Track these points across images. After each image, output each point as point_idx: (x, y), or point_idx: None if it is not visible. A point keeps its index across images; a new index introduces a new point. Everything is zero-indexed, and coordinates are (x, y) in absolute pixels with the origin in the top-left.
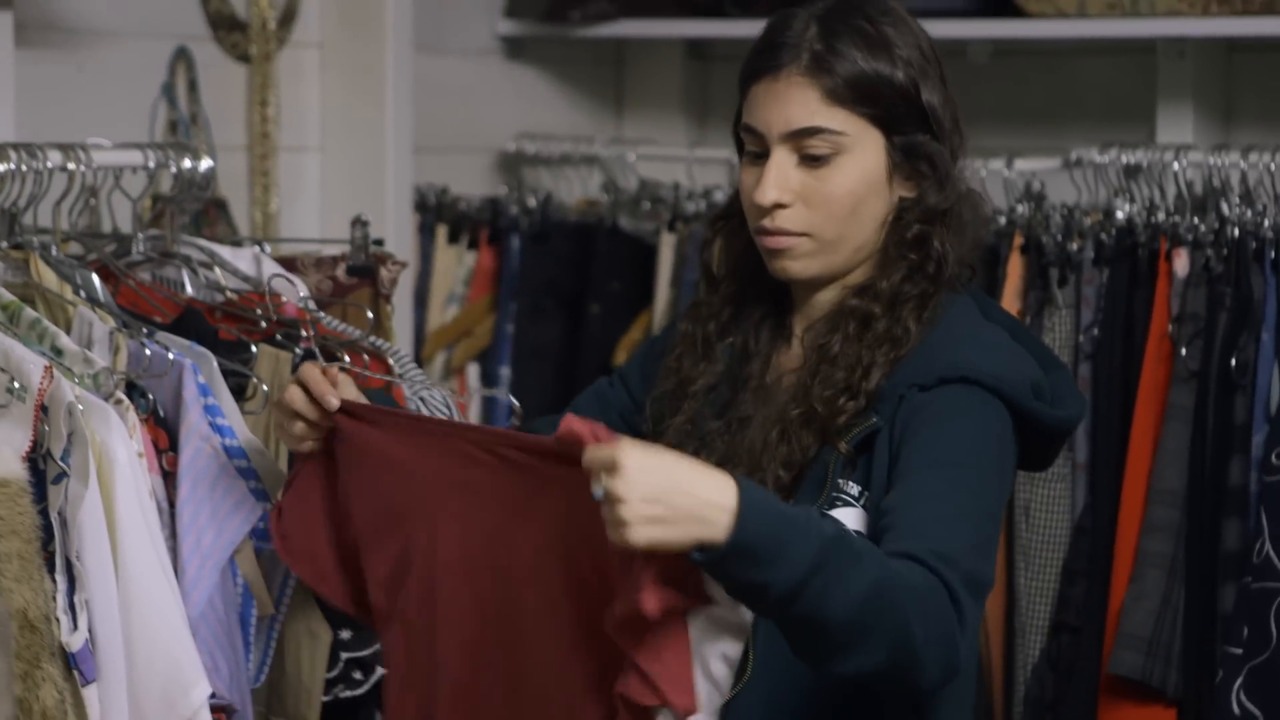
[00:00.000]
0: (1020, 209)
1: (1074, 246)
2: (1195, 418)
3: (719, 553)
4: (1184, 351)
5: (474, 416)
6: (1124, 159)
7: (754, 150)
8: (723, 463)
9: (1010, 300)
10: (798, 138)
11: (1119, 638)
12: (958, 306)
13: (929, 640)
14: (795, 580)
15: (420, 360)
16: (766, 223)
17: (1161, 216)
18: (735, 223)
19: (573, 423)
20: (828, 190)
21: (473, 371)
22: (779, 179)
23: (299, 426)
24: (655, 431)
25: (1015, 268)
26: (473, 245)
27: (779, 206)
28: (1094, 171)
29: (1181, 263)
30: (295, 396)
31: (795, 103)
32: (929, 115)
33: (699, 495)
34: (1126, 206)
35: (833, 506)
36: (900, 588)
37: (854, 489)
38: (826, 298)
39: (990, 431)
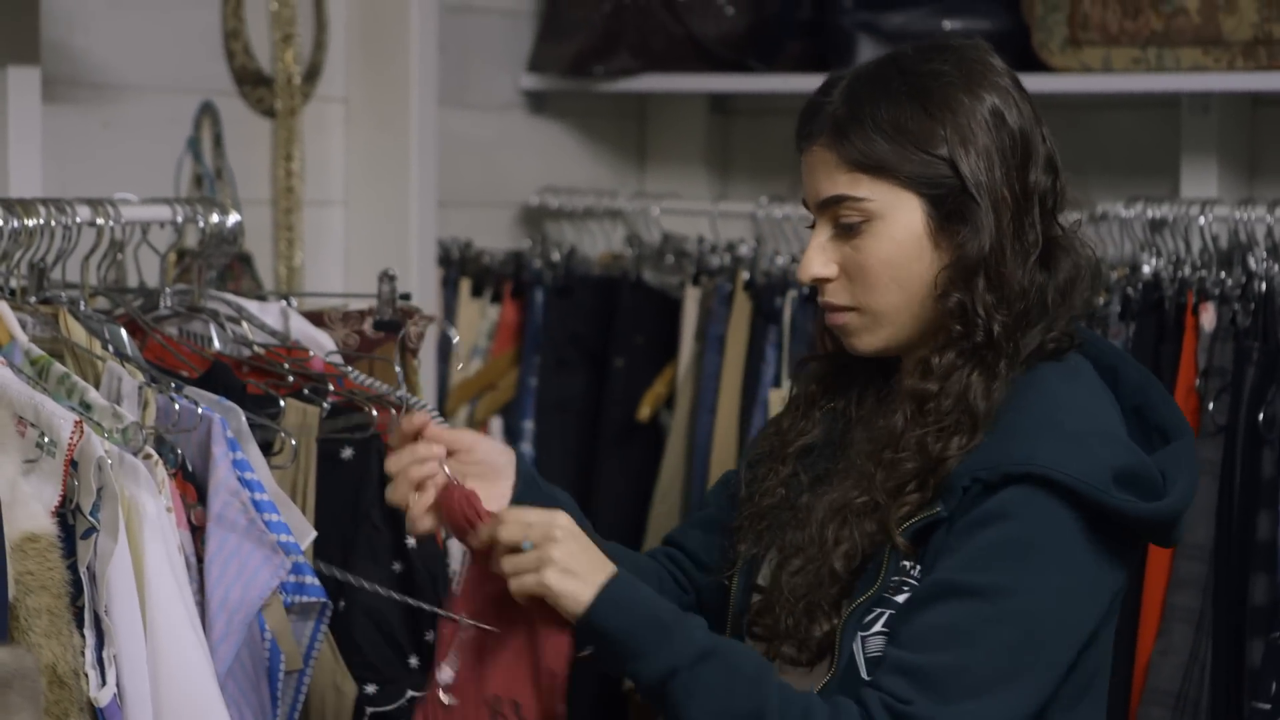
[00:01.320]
0: None
1: (1100, 301)
2: (1223, 472)
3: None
4: (1211, 406)
5: None
6: (1149, 213)
7: (809, 223)
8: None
9: None
10: (829, 207)
11: (1146, 693)
12: (1055, 379)
13: None
14: (655, 677)
15: (444, 413)
16: (820, 298)
17: (1188, 271)
18: None
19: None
20: (863, 260)
21: (496, 425)
22: (818, 252)
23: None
24: (749, 494)
25: None
26: (496, 299)
27: (822, 280)
28: (1119, 226)
29: (1208, 317)
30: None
31: (820, 173)
32: (966, 181)
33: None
34: (1153, 261)
35: (898, 592)
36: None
37: (918, 571)
38: None
39: (1040, 548)
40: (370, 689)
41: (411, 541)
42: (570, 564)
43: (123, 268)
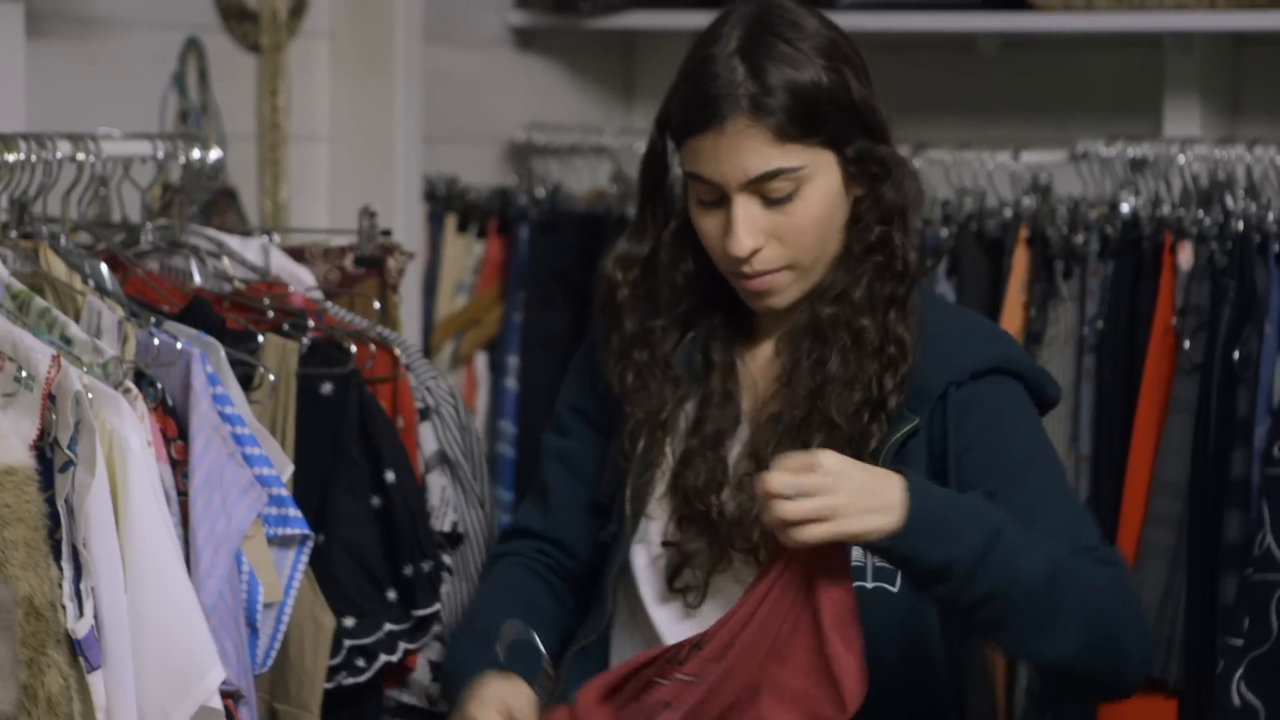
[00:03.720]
0: (1026, 201)
1: (1079, 239)
2: (1198, 410)
3: (897, 537)
4: (1187, 344)
5: (482, 404)
6: (1130, 152)
7: (707, 199)
8: (710, 481)
9: (1015, 292)
10: (758, 183)
11: None
12: (927, 295)
13: (1129, 626)
14: (972, 555)
15: (429, 349)
16: (745, 269)
17: (1166, 210)
18: (663, 254)
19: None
20: (797, 223)
21: (481, 360)
22: (749, 227)
23: None
24: (641, 464)
25: (1020, 260)
26: (481, 235)
27: (754, 251)
28: (1100, 164)
29: (1186, 256)
30: None
31: (747, 151)
32: (865, 114)
33: (883, 486)
34: (1131, 200)
35: None
36: (1081, 574)
37: None
38: (796, 305)
39: (1035, 414)
40: (349, 622)
41: (390, 476)
42: (861, 502)
43: (107, 203)
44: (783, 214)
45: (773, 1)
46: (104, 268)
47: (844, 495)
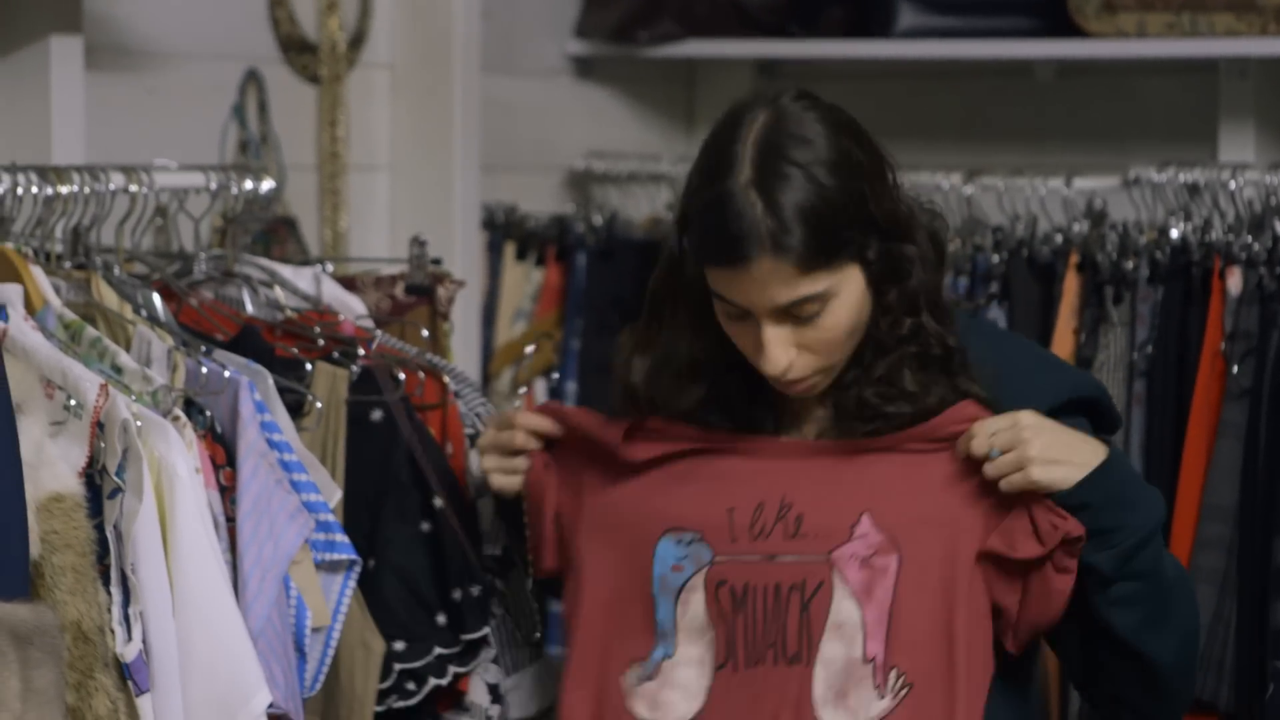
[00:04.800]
0: (1076, 227)
1: (1129, 265)
2: (1247, 434)
3: (1080, 484)
4: (1236, 369)
5: None
6: (1181, 178)
7: (734, 314)
8: None
9: (1066, 317)
10: (786, 309)
11: None
12: (984, 329)
13: (1194, 660)
14: (1145, 530)
15: (488, 376)
16: (779, 380)
17: (1215, 235)
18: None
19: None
20: (827, 336)
21: (540, 386)
22: (781, 347)
23: (519, 461)
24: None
25: (1071, 285)
26: (540, 262)
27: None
28: (1152, 190)
29: (1235, 281)
30: (517, 437)
31: (773, 285)
32: (883, 220)
33: (1083, 448)
34: (1181, 225)
35: None
36: (1191, 594)
37: None
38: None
39: None
40: (399, 646)
41: (439, 502)
42: (1049, 454)
43: (167, 233)
44: (813, 329)
45: (782, 112)
46: (156, 297)
47: (1035, 447)
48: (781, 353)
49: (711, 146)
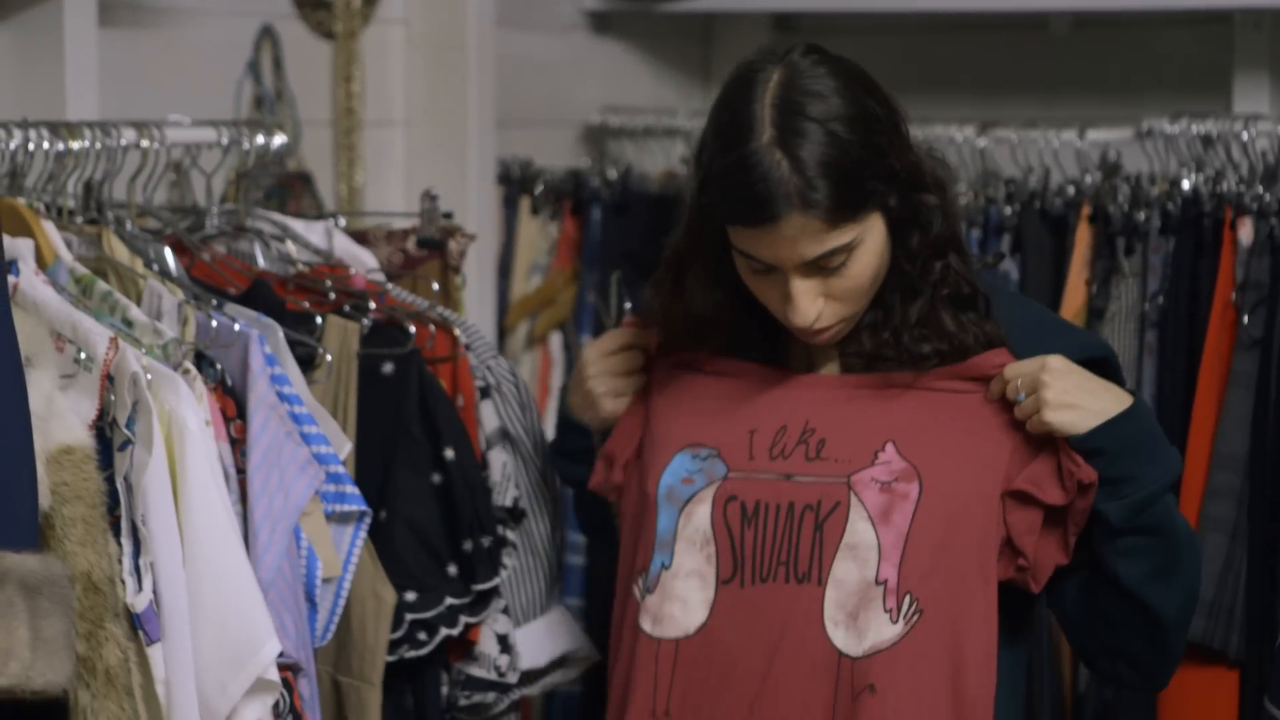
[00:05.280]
0: (1089, 179)
1: (1140, 216)
2: (1258, 384)
3: (1104, 435)
4: (1247, 319)
5: (557, 384)
6: (1194, 129)
7: (760, 269)
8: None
9: (1078, 269)
10: (814, 262)
11: None
12: (991, 288)
13: (1190, 617)
14: (1157, 486)
15: (503, 329)
16: (806, 331)
17: (1226, 186)
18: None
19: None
20: (853, 284)
21: (555, 340)
22: (809, 299)
23: (615, 382)
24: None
25: (1083, 237)
26: (555, 216)
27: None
28: (1165, 142)
29: (1246, 231)
30: (606, 362)
31: (803, 240)
32: (902, 172)
33: (1103, 395)
34: (1193, 176)
35: None
36: (1198, 555)
37: None
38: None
39: None
40: (410, 596)
41: (450, 453)
42: (1065, 398)
43: (182, 188)
44: (839, 279)
45: (795, 69)
46: (168, 252)
47: (1053, 390)
48: (810, 304)
49: (726, 108)
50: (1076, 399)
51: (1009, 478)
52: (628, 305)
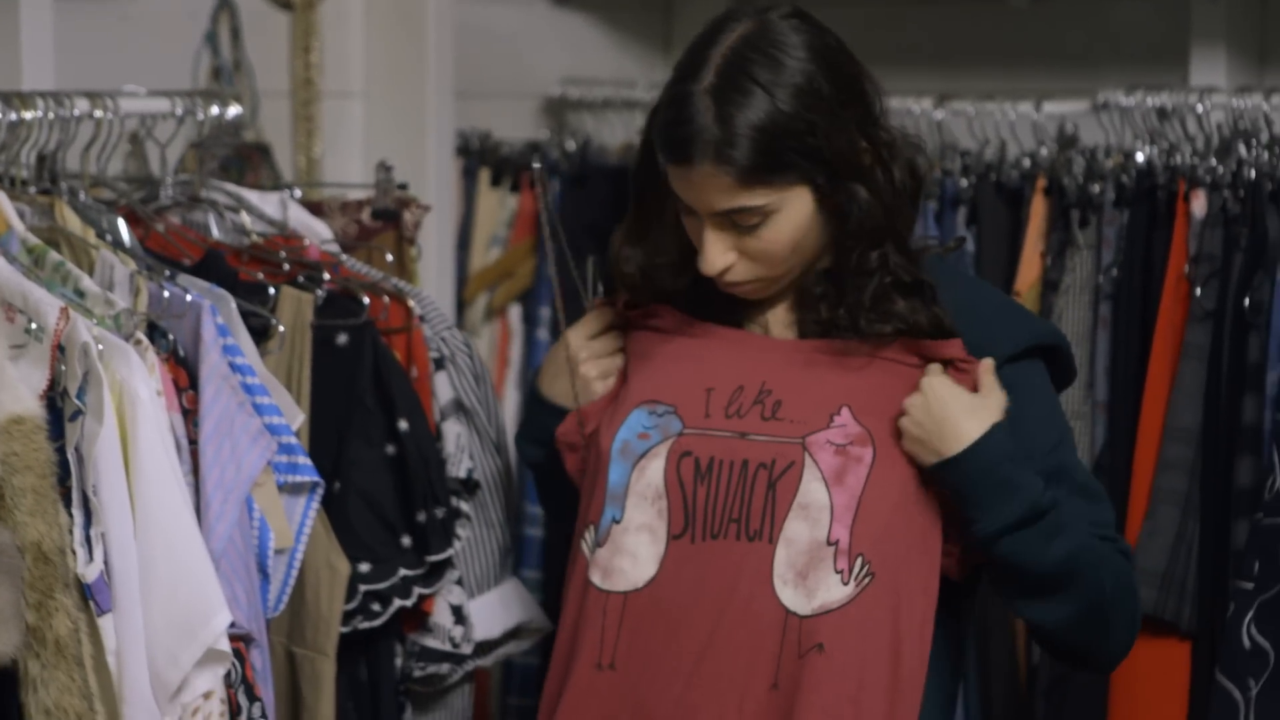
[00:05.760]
0: (1044, 152)
1: (1095, 189)
2: (1211, 356)
3: (948, 471)
4: (1200, 291)
5: (516, 356)
6: (1150, 101)
7: (686, 209)
8: None
9: (1033, 241)
10: (725, 215)
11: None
12: (944, 270)
13: (1121, 613)
14: (995, 527)
15: (462, 301)
16: (716, 279)
17: (1180, 159)
18: (654, 231)
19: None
20: (767, 248)
21: (514, 312)
22: (719, 249)
23: (605, 363)
24: None
25: (1038, 209)
26: (515, 188)
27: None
28: (1120, 114)
29: (1199, 204)
30: (593, 345)
31: (712, 190)
32: (832, 155)
33: (953, 430)
34: (1147, 149)
35: None
36: (1098, 563)
37: None
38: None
39: (1056, 397)
40: (364, 567)
41: (404, 425)
42: (916, 431)
43: (140, 159)
44: (753, 239)
45: (765, 27)
46: (121, 222)
47: (908, 419)
48: (719, 255)
49: (690, 48)
50: (928, 433)
51: None
52: (601, 288)
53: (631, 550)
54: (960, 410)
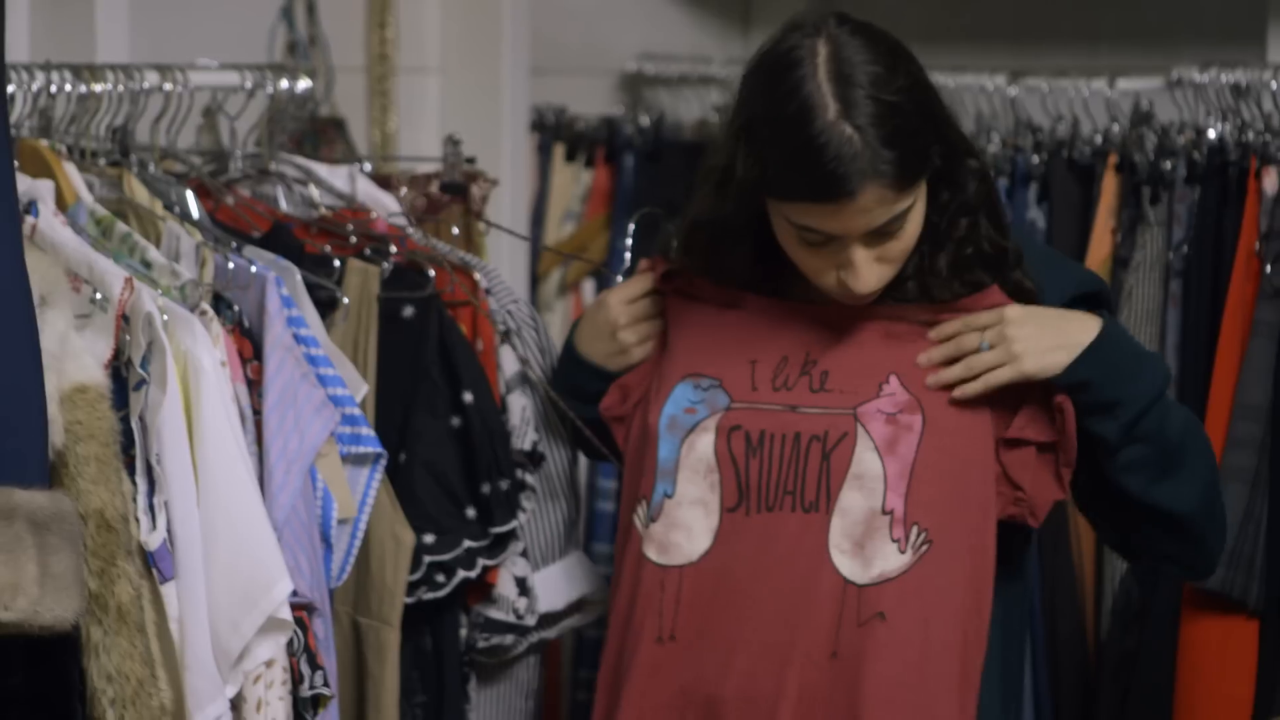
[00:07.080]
0: (1116, 128)
1: (1166, 165)
2: None
3: (1087, 367)
4: (1270, 269)
5: None
6: (1224, 78)
7: (815, 241)
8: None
9: (1104, 217)
10: (877, 229)
11: None
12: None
13: (1219, 496)
14: (1147, 398)
15: (536, 276)
16: (859, 297)
17: (1252, 136)
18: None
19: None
20: (903, 245)
21: (588, 287)
22: (871, 268)
23: (644, 328)
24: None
25: (1110, 186)
26: (589, 164)
27: None
28: (1194, 91)
29: (1271, 181)
30: (633, 309)
31: (878, 210)
32: (948, 132)
33: (1070, 329)
34: (1218, 126)
35: None
36: (1197, 428)
37: None
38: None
39: None
40: (428, 539)
41: (469, 397)
42: (1040, 344)
43: (214, 132)
44: (895, 241)
45: (838, 44)
46: (189, 194)
47: (1020, 342)
48: (870, 271)
49: (778, 88)
50: (1050, 340)
51: (999, 416)
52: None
53: (686, 524)
54: (1060, 310)
